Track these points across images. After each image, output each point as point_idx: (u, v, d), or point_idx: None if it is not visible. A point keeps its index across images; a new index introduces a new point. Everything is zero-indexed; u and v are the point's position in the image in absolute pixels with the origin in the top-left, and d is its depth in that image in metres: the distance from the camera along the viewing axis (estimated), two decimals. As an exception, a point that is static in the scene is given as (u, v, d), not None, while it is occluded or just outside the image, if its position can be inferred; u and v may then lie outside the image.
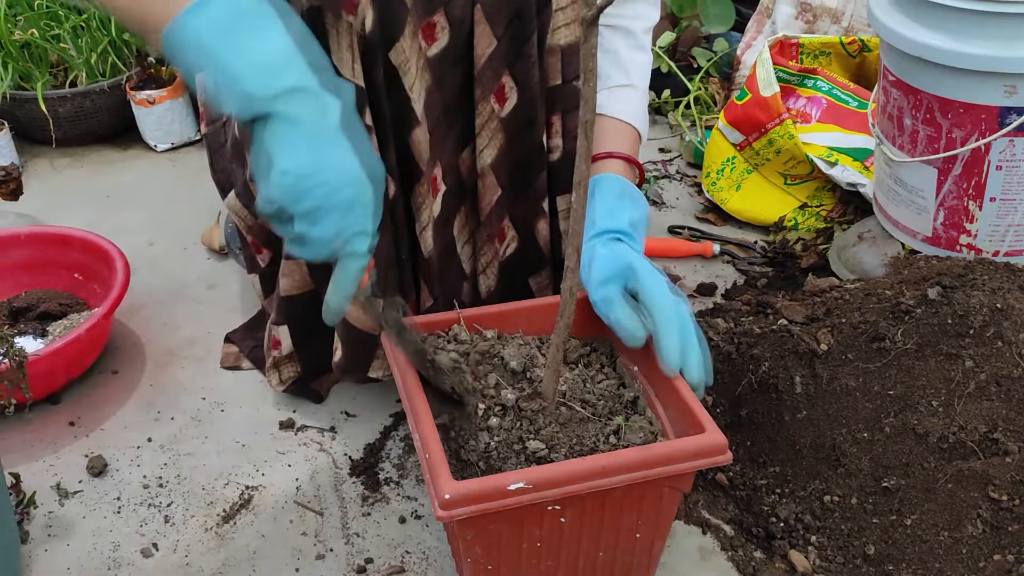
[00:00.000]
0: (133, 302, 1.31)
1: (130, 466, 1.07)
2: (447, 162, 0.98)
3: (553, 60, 0.98)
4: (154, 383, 1.20)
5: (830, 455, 0.96)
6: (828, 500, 0.95)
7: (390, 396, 1.15)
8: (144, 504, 1.02)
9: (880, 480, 0.92)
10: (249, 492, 1.03)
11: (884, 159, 1.27)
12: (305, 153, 0.68)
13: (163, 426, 1.13)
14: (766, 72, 1.48)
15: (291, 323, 1.07)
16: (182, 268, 1.43)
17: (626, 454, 0.79)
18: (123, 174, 1.71)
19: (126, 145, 1.79)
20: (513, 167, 1.00)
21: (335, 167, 0.69)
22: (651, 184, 1.66)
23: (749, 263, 1.44)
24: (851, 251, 1.35)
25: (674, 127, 1.82)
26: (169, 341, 1.27)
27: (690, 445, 0.80)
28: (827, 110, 1.52)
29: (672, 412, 0.87)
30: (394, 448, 1.09)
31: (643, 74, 1.09)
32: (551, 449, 0.83)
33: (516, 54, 0.94)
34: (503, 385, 0.88)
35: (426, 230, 0.98)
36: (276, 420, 1.13)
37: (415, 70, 0.89)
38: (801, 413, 0.99)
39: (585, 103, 0.68)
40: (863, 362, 0.97)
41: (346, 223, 0.71)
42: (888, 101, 1.22)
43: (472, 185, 1.00)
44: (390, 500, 1.02)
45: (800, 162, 1.48)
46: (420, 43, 0.89)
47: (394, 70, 0.89)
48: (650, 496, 0.83)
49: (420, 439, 0.79)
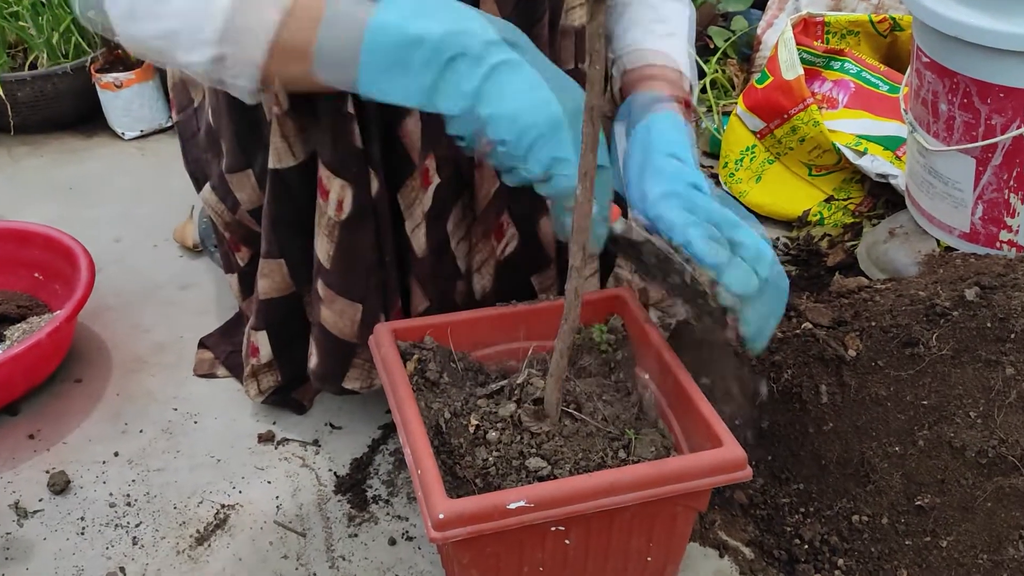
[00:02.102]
0: (98, 304, 1.31)
1: (95, 483, 1.07)
2: (443, 153, 0.98)
3: (567, 43, 0.98)
4: (121, 392, 1.20)
5: (859, 471, 0.96)
6: (856, 520, 0.95)
7: (379, 407, 1.15)
8: (110, 524, 1.02)
9: (913, 498, 0.93)
10: (225, 511, 1.03)
11: (917, 148, 1.27)
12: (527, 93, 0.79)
13: (131, 439, 1.13)
14: (789, 53, 1.48)
15: (271, 328, 1.07)
16: (152, 267, 1.43)
17: (636, 470, 0.79)
18: (88, 164, 1.71)
19: (91, 132, 1.79)
20: None
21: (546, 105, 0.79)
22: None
23: (770, 261, 1.44)
24: (881, 248, 1.35)
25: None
26: (138, 346, 1.27)
27: (706, 460, 0.80)
28: (855, 94, 1.53)
29: (687, 424, 0.87)
30: (383, 463, 1.09)
31: (684, 22, 1.10)
32: (554, 465, 0.83)
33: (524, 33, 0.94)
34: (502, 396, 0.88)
35: (418, 228, 0.98)
36: (254, 433, 1.13)
37: None
38: (827, 425, 0.99)
39: (591, 87, 0.68)
40: (895, 369, 0.97)
41: (555, 151, 0.79)
42: (922, 85, 1.22)
43: (470, 178, 1.00)
44: (379, 520, 1.02)
45: (826, 151, 1.48)
46: None
47: None
48: (662, 516, 0.83)
49: (411, 453, 0.79)
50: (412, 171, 0.95)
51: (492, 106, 0.79)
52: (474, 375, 0.95)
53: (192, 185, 1.18)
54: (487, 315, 0.97)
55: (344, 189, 0.93)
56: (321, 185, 0.94)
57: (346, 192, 0.93)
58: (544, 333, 0.95)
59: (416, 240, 0.99)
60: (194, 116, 1.14)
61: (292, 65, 0.83)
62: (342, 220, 0.94)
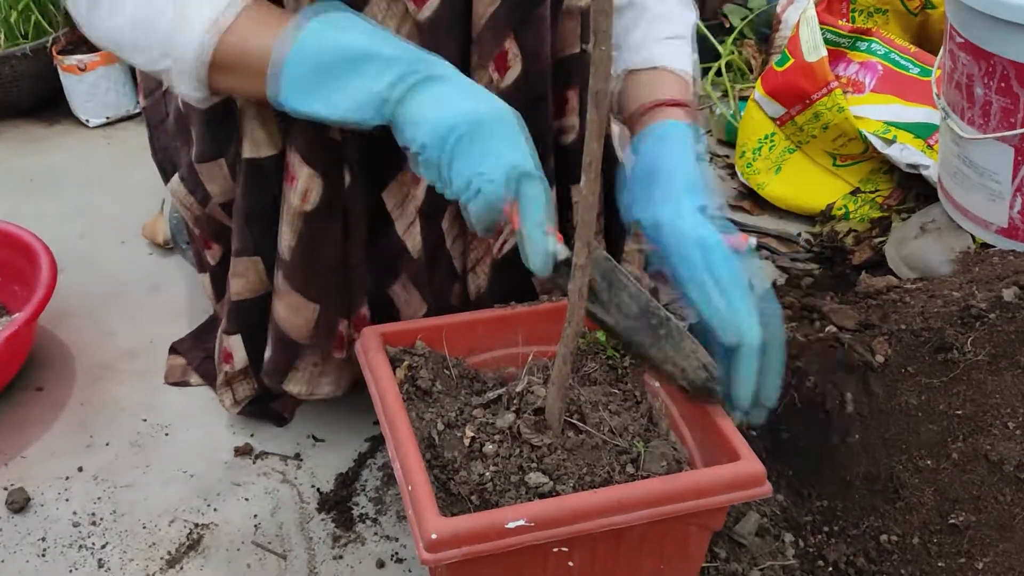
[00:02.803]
0: (61, 306, 1.31)
1: (57, 500, 1.07)
2: None
3: (571, 24, 0.98)
4: (86, 402, 1.20)
5: (887, 486, 0.96)
6: (885, 540, 0.95)
7: (365, 417, 1.15)
8: (74, 546, 1.02)
9: (947, 516, 0.93)
10: (199, 531, 1.03)
11: (951, 136, 1.27)
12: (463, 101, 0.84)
13: (96, 453, 1.13)
14: (811, 33, 1.48)
15: (245, 332, 1.07)
16: (119, 266, 1.43)
17: (646, 486, 0.79)
18: (49, 154, 1.71)
19: (52, 119, 1.79)
20: None
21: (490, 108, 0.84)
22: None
23: (791, 259, 1.44)
24: (912, 245, 1.35)
25: (703, 98, 1.82)
26: (104, 352, 1.27)
27: (722, 475, 0.80)
28: (883, 78, 1.53)
29: (700, 435, 0.87)
30: (370, 479, 1.09)
31: (688, 25, 1.12)
32: (556, 480, 0.83)
33: (523, 16, 0.94)
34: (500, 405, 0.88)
35: (413, 227, 0.98)
36: (230, 446, 1.13)
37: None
38: (853, 437, 0.99)
39: (596, 70, 0.68)
40: (926, 377, 0.97)
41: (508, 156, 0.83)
42: (956, 67, 1.22)
43: None
44: (366, 540, 1.02)
45: (851, 139, 1.48)
46: (407, 4, 0.89)
47: None
48: (674, 535, 0.83)
49: (401, 468, 0.79)
50: (400, 167, 0.95)
51: (413, 111, 0.83)
52: (469, 383, 0.95)
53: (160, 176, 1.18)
54: (483, 317, 0.97)
55: (312, 179, 0.93)
56: (289, 170, 0.94)
57: (314, 183, 0.93)
58: (545, 337, 0.95)
59: (411, 240, 0.99)
60: (162, 101, 1.14)
61: (229, 79, 0.90)
62: (306, 211, 0.94)
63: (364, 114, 0.84)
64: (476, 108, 0.83)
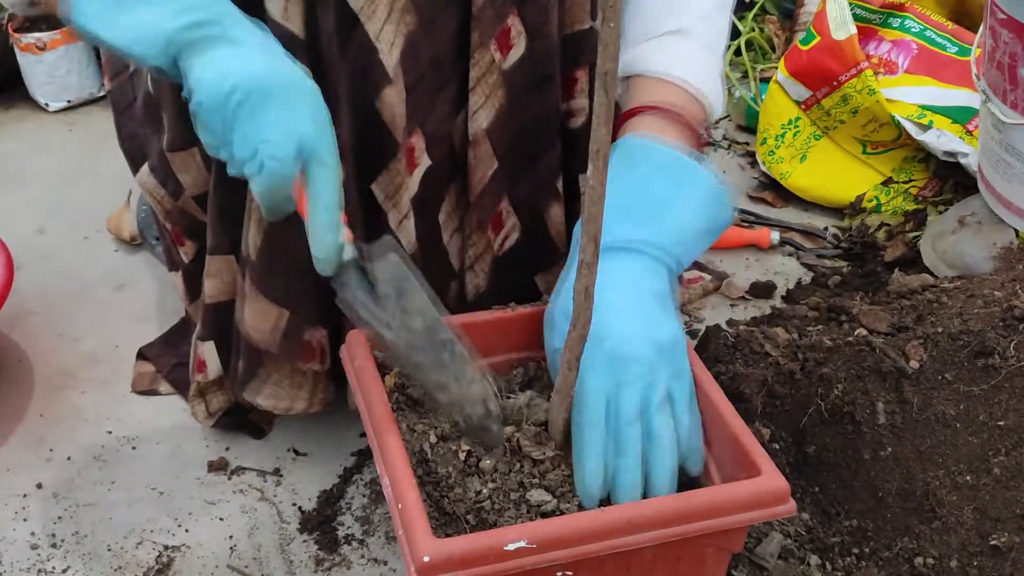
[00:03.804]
0: (18, 307, 1.31)
1: (14, 520, 1.07)
2: (433, 130, 0.98)
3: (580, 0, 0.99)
4: (45, 412, 1.20)
5: (923, 504, 0.96)
6: (920, 563, 0.95)
7: (351, 430, 1.15)
8: (32, 570, 1.02)
9: (987, 537, 0.93)
10: (169, 554, 1.03)
11: (992, 121, 1.27)
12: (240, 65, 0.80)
13: (57, 468, 1.13)
14: (839, 8, 1.48)
15: (220, 339, 1.07)
16: (82, 263, 1.43)
17: (658, 503, 0.79)
18: (5, 141, 1.72)
19: (8, 104, 1.80)
20: (516, 135, 1.00)
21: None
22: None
23: (818, 256, 1.44)
24: (949, 240, 1.35)
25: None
26: (65, 358, 1.27)
27: (741, 492, 0.80)
28: (918, 57, 1.53)
29: (718, 449, 0.87)
30: (357, 496, 1.09)
31: (700, 18, 1.04)
32: (560, 498, 0.83)
33: None
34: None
35: (406, 220, 0.98)
36: (204, 460, 1.13)
37: (386, 12, 0.90)
38: (885, 450, 0.99)
39: (604, 48, 0.68)
40: (965, 384, 0.97)
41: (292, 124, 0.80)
42: (997, 46, 1.23)
43: (463, 158, 1.01)
44: (352, 564, 1.02)
45: (884, 125, 1.48)
46: None
47: (353, 16, 0.89)
48: (689, 558, 0.83)
49: (391, 484, 0.80)
50: (394, 154, 0.95)
51: (195, 59, 0.80)
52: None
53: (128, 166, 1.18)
54: (481, 320, 0.97)
55: None
56: None
57: None
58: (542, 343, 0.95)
59: (404, 234, 0.99)
60: (130, 83, 1.14)
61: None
62: None
63: (147, 49, 0.80)
64: (270, 70, 0.80)
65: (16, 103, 1.80)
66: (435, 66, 0.96)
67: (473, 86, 0.97)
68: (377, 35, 0.90)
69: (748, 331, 1.19)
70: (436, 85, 0.97)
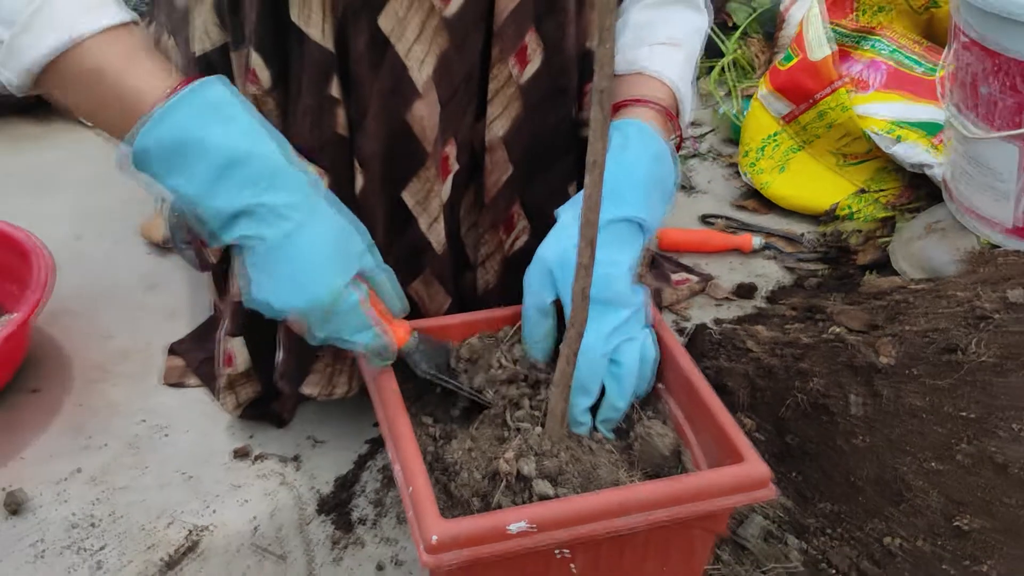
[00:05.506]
0: (57, 306, 1.31)
1: (54, 503, 1.07)
2: (463, 138, 0.98)
3: (595, 15, 0.99)
4: (83, 403, 1.20)
5: (893, 489, 0.96)
6: (891, 543, 0.95)
7: (365, 419, 1.15)
8: (71, 548, 1.02)
9: (953, 519, 0.93)
10: (197, 534, 1.04)
11: (957, 135, 1.28)
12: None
13: (94, 455, 1.13)
14: (816, 31, 1.48)
15: (248, 334, 1.07)
16: (116, 266, 1.43)
17: (649, 488, 0.80)
18: (44, 152, 1.71)
19: (48, 118, 1.79)
20: (531, 143, 1.00)
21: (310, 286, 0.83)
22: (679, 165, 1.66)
23: (796, 259, 1.44)
24: (918, 245, 1.35)
25: (706, 96, 1.83)
26: (100, 353, 1.27)
27: (726, 477, 0.80)
28: (889, 76, 1.53)
29: (705, 437, 0.88)
30: (370, 481, 1.09)
31: (690, 35, 1.09)
32: (558, 484, 0.83)
33: (547, 8, 0.95)
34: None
35: (437, 222, 0.98)
36: (229, 448, 1.13)
37: (416, 32, 0.90)
38: (858, 439, 0.99)
39: (600, 68, 0.68)
40: (932, 378, 0.97)
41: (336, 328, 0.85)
42: (961, 66, 1.23)
43: (481, 161, 1.01)
44: (365, 543, 1.02)
45: (857, 139, 1.48)
46: (433, 1, 0.89)
47: (384, 38, 0.89)
48: (678, 539, 0.83)
49: (402, 470, 0.80)
50: (423, 163, 0.95)
51: (248, 258, 0.84)
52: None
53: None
54: (485, 318, 0.97)
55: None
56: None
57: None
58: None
59: (435, 236, 0.99)
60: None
61: (66, 91, 0.85)
62: None
63: (186, 206, 0.84)
64: (309, 294, 0.83)
65: (54, 118, 1.79)
66: (467, 81, 0.96)
67: (491, 97, 0.97)
68: (407, 54, 0.90)
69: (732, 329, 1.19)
70: (467, 98, 0.97)
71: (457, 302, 1.05)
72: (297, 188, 0.83)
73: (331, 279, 0.83)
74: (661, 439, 0.87)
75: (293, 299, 0.82)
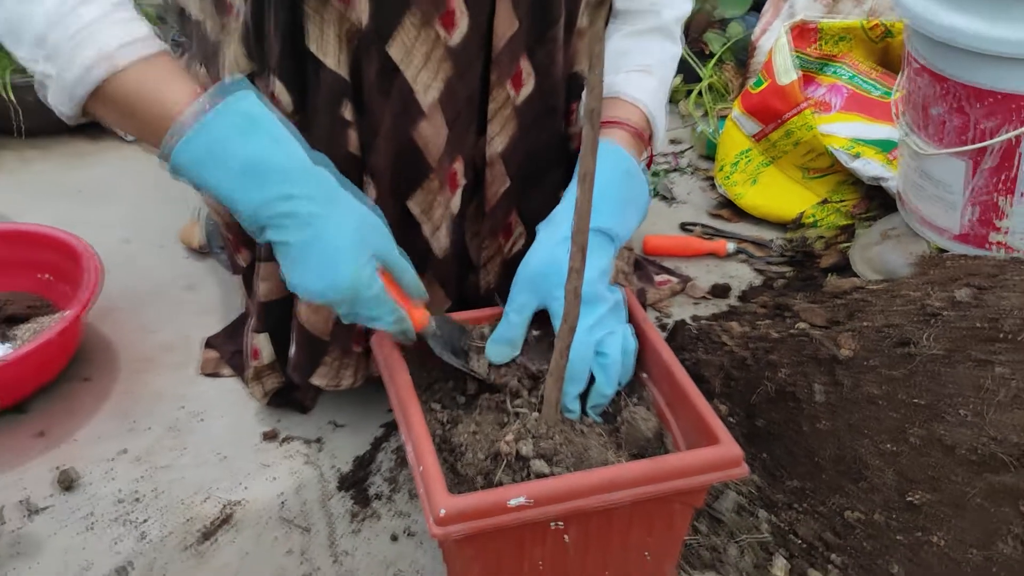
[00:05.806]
0: (106, 304, 1.31)
1: (103, 480, 1.07)
2: (469, 155, 0.98)
3: (581, 43, 0.99)
4: (129, 391, 1.20)
5: (852, 468, 0.96)
6: (850, 516, 0.95)
7: (380, 405, 1.15)
8: (118, 520, 1.02)
9: (905, 495, 0.93)
10: (230, 507, 1.03)
11: (910, 151, 1.27)
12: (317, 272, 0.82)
13: (138, 437, 1.13)
14: (784, 58, 1.48)
15: (272, 330, 1.07)
16: (159, 268, 1.43)
17: (635, 467, 0.79)
18: (95, 167, 1.72)
19: (98, 136, 1.79)
20: (526, 158, 1.00)
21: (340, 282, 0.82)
22: (661, 178, 1.66)
23: (766, 262, 1.44)
24: (875, 250, 1.35)
25: (686, 117, 1.83)
26: (145, 346, 1.27)
27: (703, 457, 0.80)
28: (849, 99, 1.53)
29: (684, 422, 0.87)
30: (385, 460, 1.09)
31: (664, 62, 1.07)
32: (554, 464, 0.83)
33: (538, 38, 0.94)
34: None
35: (439, 230, 0.98)
36: (259, 431, 1.13)
37: (423, 60, 0.89)
38: (821, 423, 0.99)
39: (590, 91, 0.68)
40: (888, 369, 0.97)
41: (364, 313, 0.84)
42: (914, 89, 1.22)
43: (483, 174, 1.01)
44: (381, 516, 1.02)
45: (820, 155, 1.48)
46: (438, 31, 0.89)
47: (393, 65, 0.89)
48: (661, 512, 0.83)
49: (413, 451, 0.80)
50: (426, 175, 0.95)
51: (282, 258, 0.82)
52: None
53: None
54: (487, 315, 0.97)
55: None
56: None
57: None
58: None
59: (437, 242, 0.99)
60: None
61: (109, 112, 0.85)
62: None
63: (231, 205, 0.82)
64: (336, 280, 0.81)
65: (102, 137, 1.79)
66: (469, 103, 0.95)
67: (491, 117, 0.97)
68: (414, 79, 0.90)
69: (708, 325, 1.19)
70: (469, 118, 0.97)
71: (462, 301, 1.05)
72: (320, 183, 0.81)
73: (352, 270, 0.81)
74: (645, 423, 0.87)
75: (321, 288, 0.81)
